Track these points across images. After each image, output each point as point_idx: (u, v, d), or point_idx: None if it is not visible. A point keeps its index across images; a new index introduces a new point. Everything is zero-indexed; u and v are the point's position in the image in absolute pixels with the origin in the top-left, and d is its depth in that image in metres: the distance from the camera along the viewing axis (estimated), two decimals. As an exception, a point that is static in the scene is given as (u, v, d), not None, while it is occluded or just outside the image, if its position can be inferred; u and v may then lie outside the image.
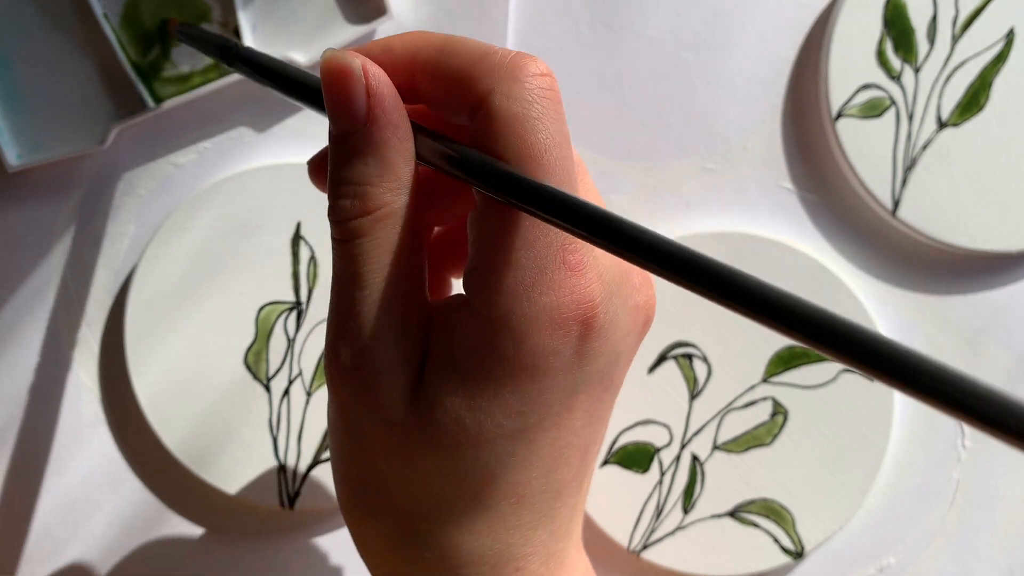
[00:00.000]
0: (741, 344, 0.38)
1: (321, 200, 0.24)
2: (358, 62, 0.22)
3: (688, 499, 0.38)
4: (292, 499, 0.37)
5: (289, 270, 0.37)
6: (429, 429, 0.22)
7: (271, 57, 0.26)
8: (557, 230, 0.21)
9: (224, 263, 0.37)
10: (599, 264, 0.22)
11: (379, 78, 0.22)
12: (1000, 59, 0.37)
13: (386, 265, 0.22)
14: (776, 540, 0.38)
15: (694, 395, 0.38)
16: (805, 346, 0.20)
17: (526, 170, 0.21)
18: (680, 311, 0.38)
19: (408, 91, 0.23)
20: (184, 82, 0.36)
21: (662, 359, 0.38)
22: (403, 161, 0.22)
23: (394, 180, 0.22)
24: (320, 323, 0.38)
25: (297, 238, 0.37)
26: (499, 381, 0.22)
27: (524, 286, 0.21)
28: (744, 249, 0.37)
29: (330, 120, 0.22)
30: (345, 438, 0.24)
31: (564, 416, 0.23)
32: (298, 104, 0.27)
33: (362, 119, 0.22)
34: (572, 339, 0.22)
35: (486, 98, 0.21)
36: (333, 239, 0.23)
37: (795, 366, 0.38)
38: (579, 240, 0.21)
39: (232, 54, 0.27)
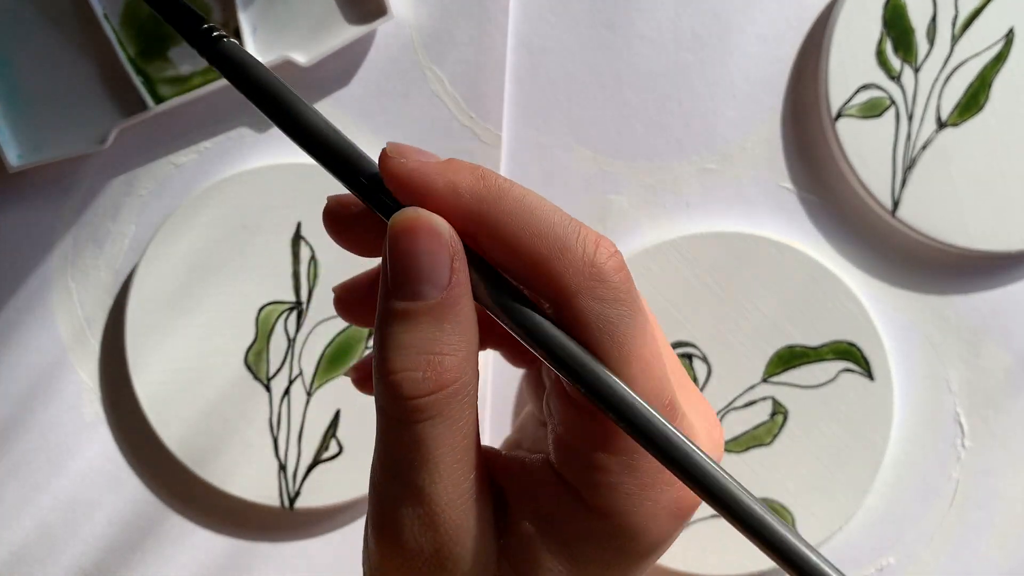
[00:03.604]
0: (741, 344, 0.38)
1: (322, 200, 0.23)
2: (446, 225, 0.20)
3: (688, 499, 0.38)
4: (292, 499, 0.37)
5: (289, 270, 0.37)
6: None
7: (260, 64, 0.21)
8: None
9: (224, 263, 0.37)
10: None
11: (456, 238, 0.20)
12: (999, 59, 0.37)
13: (459, 446, 0.20)
14: (776, 540, 0.38)
15: (694, 395, 0.38)
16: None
17: (624, 375, 0.20)
18: (680, 311, 0.38)
19: (465, 237, 0.21)
20: (184, 82, 0.36)
21: (662, 359, 0.38)
22: (474, 326, 0.20)
23: (470, 347, 0.20)
24: (320, 323, 0.38)
25: (297, 238, 0.37)
26: (609, 567, 0.21)
27: (644, 486, 0.21)
28: (744, 249, 0.37)
29: (395, 284, 0.20)
30: None
31: None
32: (280, 130, 0.21)
33: (445, 285, 0.20)
34: (684, 522, 0.22)
35: (573, 299, 0.20)
36: (388, 418, 0.20)
37: (795, 366, 0.38)
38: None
39: (209, 42, 0.21)
